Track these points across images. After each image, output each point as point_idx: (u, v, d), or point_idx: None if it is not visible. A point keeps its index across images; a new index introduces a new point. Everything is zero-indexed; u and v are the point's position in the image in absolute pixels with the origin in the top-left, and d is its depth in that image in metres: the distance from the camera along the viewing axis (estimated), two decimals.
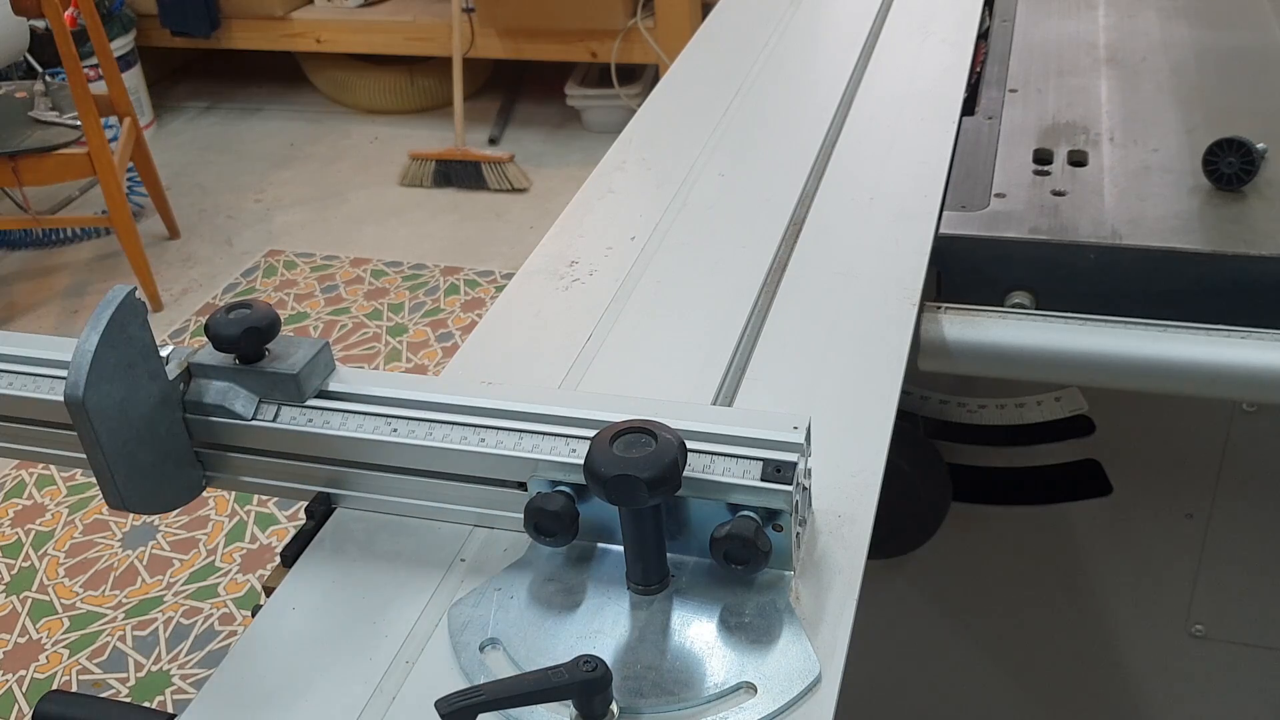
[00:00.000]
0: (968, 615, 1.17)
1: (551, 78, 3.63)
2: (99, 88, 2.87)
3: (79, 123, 2.64)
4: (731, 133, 1.03)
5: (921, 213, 0.89)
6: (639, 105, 1.13)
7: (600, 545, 0.60)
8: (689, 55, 1.22)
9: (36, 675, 1.86)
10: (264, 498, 2.18)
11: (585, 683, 0.49)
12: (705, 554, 0.57)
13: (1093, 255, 0.85)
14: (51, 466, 2.26)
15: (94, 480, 0.59)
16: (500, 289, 1.18)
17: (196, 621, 1.95)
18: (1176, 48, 1.16)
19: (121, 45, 3.48)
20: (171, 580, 2.04)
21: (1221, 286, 0.84)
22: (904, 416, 0.81)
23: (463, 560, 0.61)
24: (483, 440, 0.60)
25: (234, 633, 1.92)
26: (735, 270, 0.83)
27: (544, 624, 0.56)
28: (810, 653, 0.54)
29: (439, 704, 0.48)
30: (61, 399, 0.56)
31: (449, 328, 2.72)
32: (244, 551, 2.09)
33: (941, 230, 0.87)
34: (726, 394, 0.71)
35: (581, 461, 0.55)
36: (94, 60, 2.93)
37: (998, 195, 0.92)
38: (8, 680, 1.85)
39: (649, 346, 0.76)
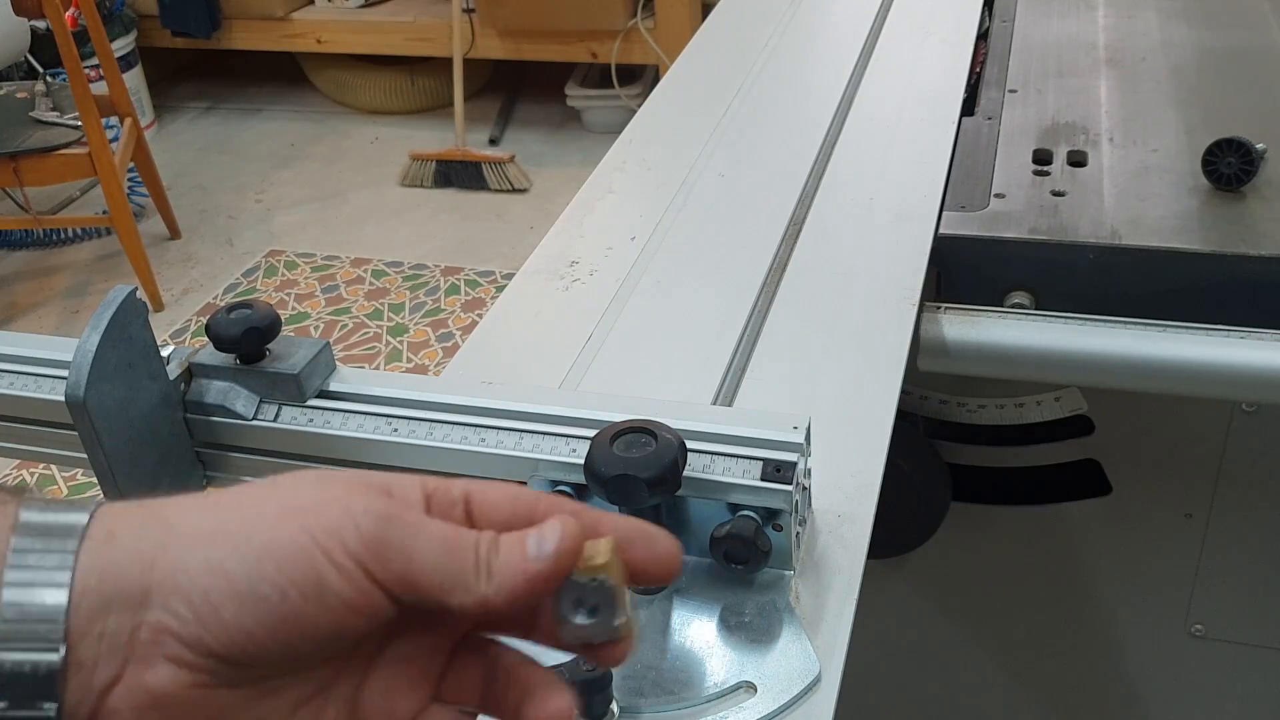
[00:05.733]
0: (967, 615, 1.17)
1: (552, 78, 3.63)
2: (100, 88, 2.87)
3: (80, 123, 2.64)
4: (731, 133, 1.03)
5: (921, 213, 0.89)
6: (639, 106, 1.13)
7: None
8: (689, 56, 1.22)
9: None
10: None
11: (585, 682, 0.49)
12: (705, 553, 0.57)
13: (1092, 255, 0.85)
14: (52, 466, 2.26)
15: (95, 480, 0.59)
16: (501, 289, 1.18)
17: None
18: (1176, 48, 1.16)
19: (122, 46, 3.48)
20: None
21: (1221, 286, 0.84)
22: (904, 416, 0.81)
23: None
24: (483, 440, 0.60)
25: None
26: (735, 270, 0.83)
27: None
28: (810, 652, 0.54)
29: None
30: (62, 399, 0.56)
31: (449, 328, 2.72)
32: None
33: (941, 230, 0.87)
34: (726, 394, 0.71)
35: (582, 461, 0.55)
36: (95, 61, 2.93)
37: (997, 195, 0.93)
38: None
39: (649, 346, 0.76)
